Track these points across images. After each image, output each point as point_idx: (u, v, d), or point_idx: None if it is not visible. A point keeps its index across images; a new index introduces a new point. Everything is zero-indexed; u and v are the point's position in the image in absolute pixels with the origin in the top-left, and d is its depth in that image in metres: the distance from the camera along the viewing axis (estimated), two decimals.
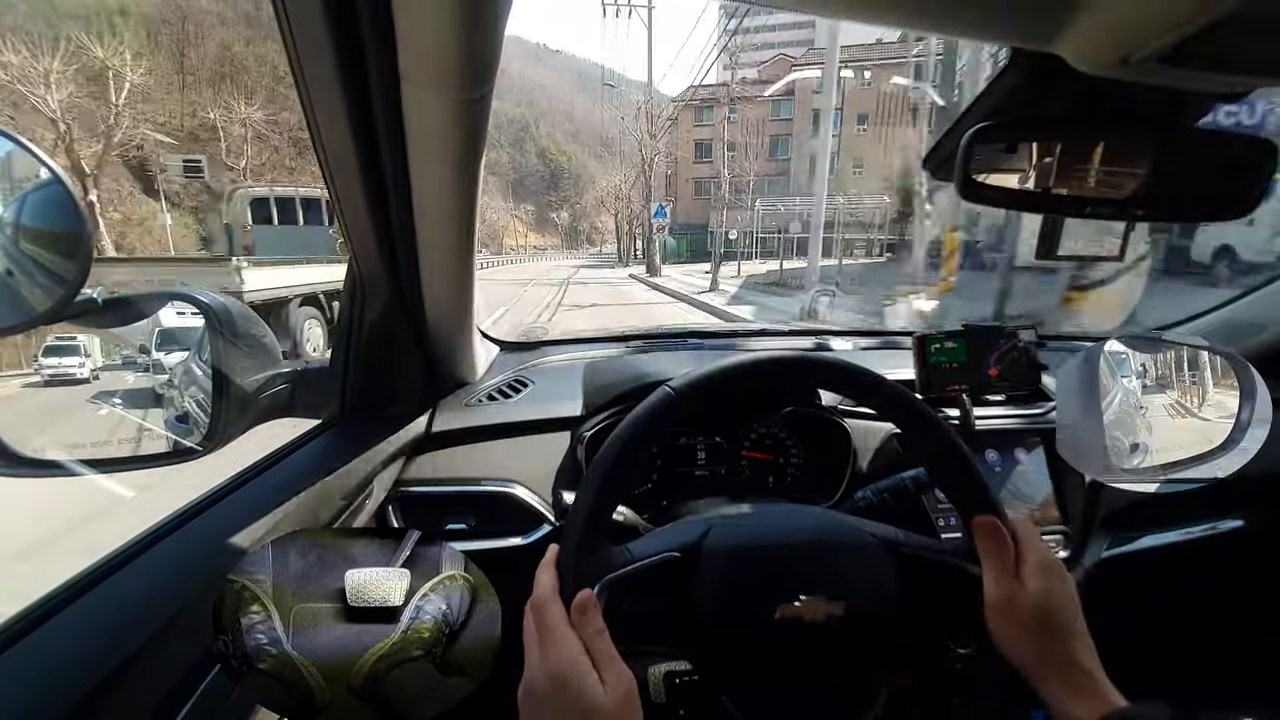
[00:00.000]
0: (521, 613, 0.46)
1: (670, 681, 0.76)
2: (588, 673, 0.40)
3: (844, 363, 0.53)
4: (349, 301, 0.79)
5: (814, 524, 0.55)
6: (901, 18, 0.41)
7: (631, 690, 0.41)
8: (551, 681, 0.40)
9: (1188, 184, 0.47)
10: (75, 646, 0.44)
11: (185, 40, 34.87)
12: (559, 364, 1.14)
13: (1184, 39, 0.31)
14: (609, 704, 0.39)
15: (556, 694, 0.40)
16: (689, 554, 0.50)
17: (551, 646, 0.41)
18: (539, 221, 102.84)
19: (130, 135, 24.20)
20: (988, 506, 0.51)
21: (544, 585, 0.45)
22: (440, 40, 0.46)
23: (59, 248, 0.50)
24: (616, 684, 0.40)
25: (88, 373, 0.90)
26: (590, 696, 0.39)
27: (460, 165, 0.60)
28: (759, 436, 0.96)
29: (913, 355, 0.94)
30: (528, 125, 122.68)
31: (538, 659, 0.42)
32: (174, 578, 0.52)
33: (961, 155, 0.45)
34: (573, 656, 0.41)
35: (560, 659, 0.41)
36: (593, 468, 0.49)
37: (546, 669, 0.41)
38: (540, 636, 0.42)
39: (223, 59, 35.24)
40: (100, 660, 0.43)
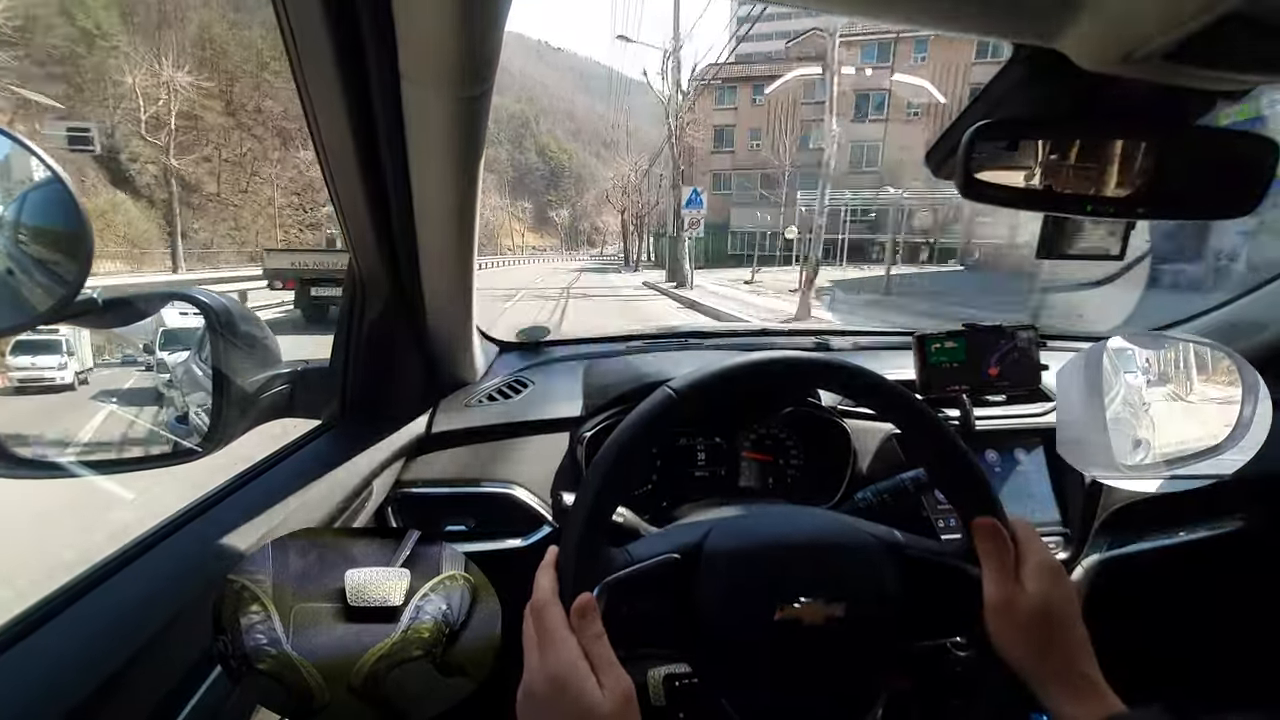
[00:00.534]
0: (521, 614, 0.46)
1: (670, 684, 0.76)
2: (586, 676, 0.40)
3: (844, 363, 0.53)
4: (349, 301, 0.79)
5: (814, 525, 0.55)
6: (904, 13, 0.41)
7: (630, 695, 0.41)
8: (550, 684, 0.40)
9: (1189, 182, 0.47)
10: (75, 648, 0.43)
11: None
12: (559, 365, 1.14)
13: (1186, 36, 0.31)
14: (607, 708, 0.39)
15: (555, 697, 0.40)
16: (689, 555, 0.50)
17: (551, 650, 0.41)
18: (538, 221, 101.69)
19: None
20: (988, 508, 0.50)
21: (543, 588, 0.45)
22: (440, 38, 0.46)
23: (59, 247, 0.49)
24: (615, 688, 0.40)
25: (70, 377, 0.84)
26: (589, 700, 0.39)
27: (460, 164, 0.60)
28: (759, 437, 0.96)
29: (913, 355, 0.94)
30: (528, 121, 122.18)
31: (537, 662, 0.41)
32: (174, 579, 0.52)
33: (963, 153, 0.45)
34: (572, 660, 0.41)
35: (560, 662, 0.40)
36: (592, 468, 0.48)
37: (546, 672, 0.41)
38: (540, 640, 0.42)
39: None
40: (100, 661, 0.43)
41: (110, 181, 25.34)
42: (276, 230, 30.62)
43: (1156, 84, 0.38)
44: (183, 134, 27.07)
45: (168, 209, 25.15)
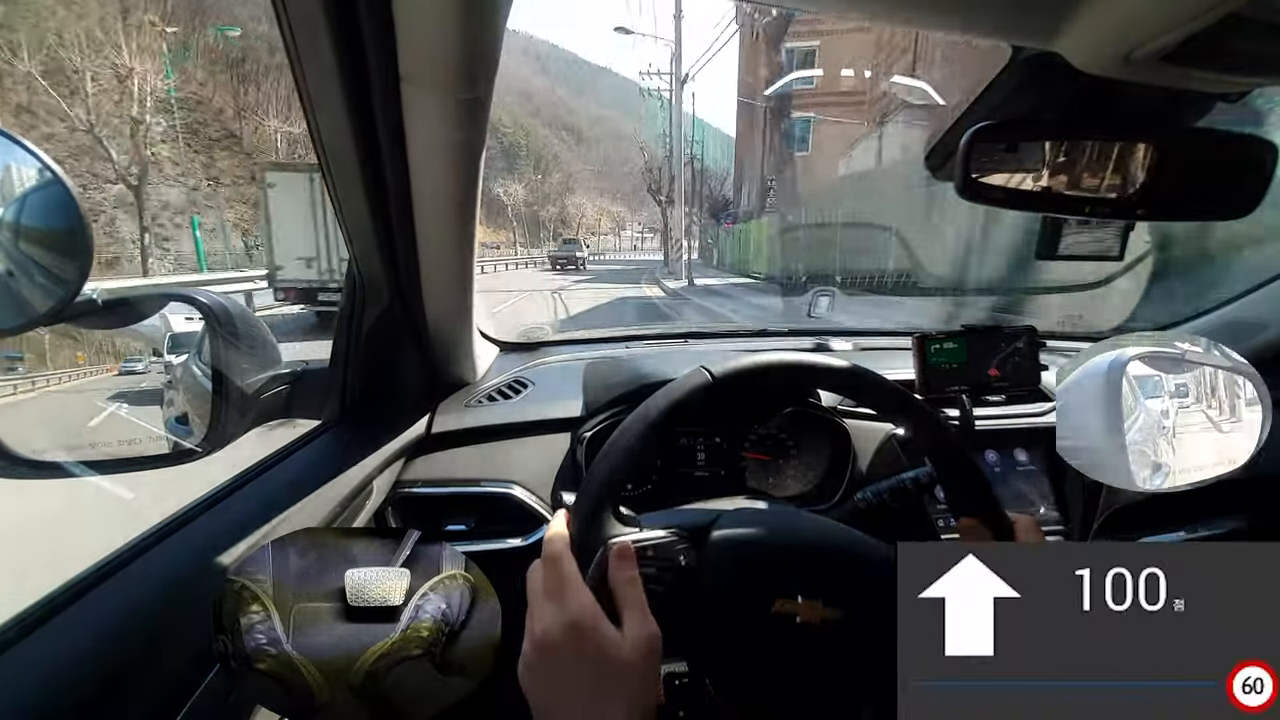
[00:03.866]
0: (521, 614, 0.46)
1: (670, 683, 0.76)
2: (605, 622, 0.40)
3: (880, 380, 0.53)
4: (349, 302, 0.79)
5: (821, 531, 0.55)
6: (902, 15, 0.41)
7: (654, 642, 0.40)
8: (568, 630, 0.39)
9: (1188, 184, 0.47)
10: (75, 648, 0.43)
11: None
12: (559, 365, 1.14)
13: (1185, 38, 0.31)
14: (628, 654, 0.39)
15: (573, 643, 0.39)
16: (697, 535, 0.51)
17: (569, 596, 0.41)
18: (489, 213, 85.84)
19: None
20: (986, 506, 0.50)
21: (557, 540, 0.44)
22: (440, 40, 0.46)
23: (59, 248, 0.49)
24: (639, 633, 0.40)
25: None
26: (608, 646, 0.39)
27: (460, 165, 0.60)
28: (759, 437, 0.96)
29: (913, 355, 0.94)
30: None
31: (551, 612, 0.41)
32: (174, 578, 0.52)
33: (962, 155, 0.45)
34: (590, 605, 0.40)
35: (579, 607, 0.40)
36: (617, 434, 0.48)
37: (563, 619, 0.40)
38: (555, 589, 0.42)
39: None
40: (100, 661, 0.43)
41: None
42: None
43: (1155, 85, 0.38)
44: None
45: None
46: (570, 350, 1.22)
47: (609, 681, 0.38)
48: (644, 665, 0.39)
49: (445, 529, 0.84)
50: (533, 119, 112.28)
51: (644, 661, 0.39)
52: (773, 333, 1.39)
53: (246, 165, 29.05)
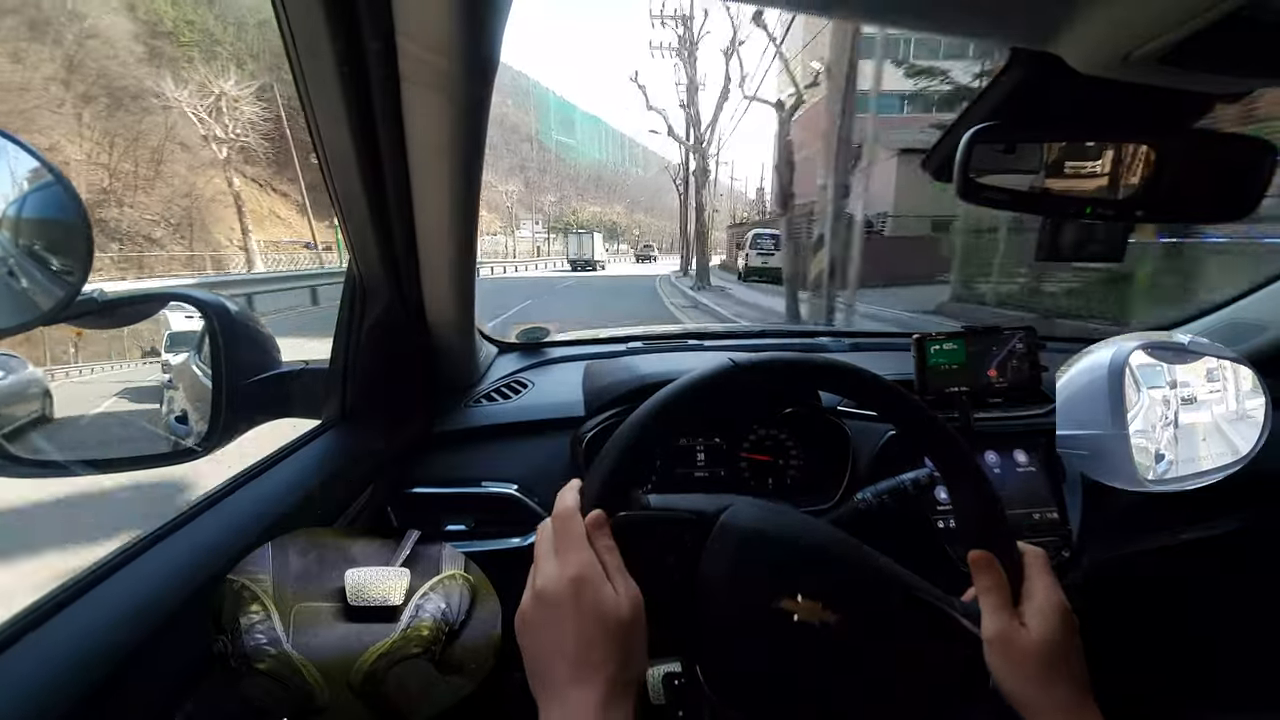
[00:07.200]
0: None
1: (669, 683, 0.76)
2: (604, 580, 0.41)
3: (903, 394, 0.52)
4: (349, 302, 0.79)
5: (829, 539, 0.54)
6: (901, 17, 0.41)
7: (639, 602, 0.42)
8: (569, 585, 0.41)
9: (1188, 184, 0.47)
10: (74, 647, 0.43)
11: None
12: (559, 365, 1.14)
13: (1184, 38, 0.31)
14: (624, 610, 0.41)
15: (573, 597, 0.41)
16: (704, 521, 0.51)
17: (573, 553, 0.42)
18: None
19: None
20: (997, 535, 0.50)
21: (567, 501, 0.46)
22: (441, 40, 0.46)
23: (60, 248, 0.50)
24: (627, 593, 0.42)
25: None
26: (607, 602, 0.40)
27: (460, 165, 0.60)
28: (758, 438, 0.96)
29: (913, 356, 0.94)
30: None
31: (554, 567, 0.42)
32: (174, 578, 0.52)
33: (961, 156, 0.45)
34: (592, 561, 0.42)
35: (582, 563, 0.42)
36: (638, 412, 0.48)
37: (566, 573, 0.41)
38: (559, 545, 0.43)
39: None
40: (99, 661, 0.43)
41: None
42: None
43: (1154, 86, 0.38)
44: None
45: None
46: (570, 350, 1.22)
47: (604, 637, 0.40)
48: (636, 622, 0.41)
49: (445, 529, 0.84)
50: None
51: (636, 619, 0.41)
52: (773, 333, 1.39)
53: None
